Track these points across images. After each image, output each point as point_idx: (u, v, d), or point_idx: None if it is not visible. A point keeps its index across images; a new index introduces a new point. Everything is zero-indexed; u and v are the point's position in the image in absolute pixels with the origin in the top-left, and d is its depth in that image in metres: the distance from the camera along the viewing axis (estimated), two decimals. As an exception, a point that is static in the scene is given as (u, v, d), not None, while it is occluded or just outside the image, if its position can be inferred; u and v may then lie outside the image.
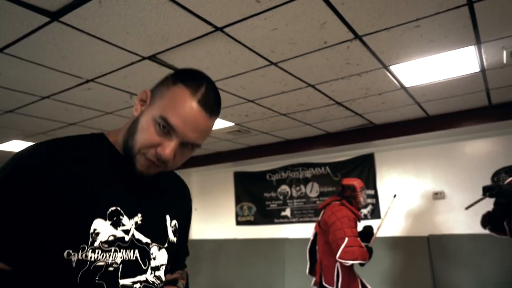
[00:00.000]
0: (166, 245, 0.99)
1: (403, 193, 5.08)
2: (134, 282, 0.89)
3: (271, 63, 2.74)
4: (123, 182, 0.92)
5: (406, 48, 2.60)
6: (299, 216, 5.95)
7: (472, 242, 4.50)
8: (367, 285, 3.36)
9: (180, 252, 1.11)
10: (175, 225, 1.04)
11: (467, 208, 2.85)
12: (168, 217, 1.02)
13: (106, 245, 0.85)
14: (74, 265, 0.81)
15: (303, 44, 2.45)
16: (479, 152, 4.68)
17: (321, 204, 3.65)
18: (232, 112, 3.95)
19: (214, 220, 6.74)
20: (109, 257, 0.85)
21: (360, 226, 3.65)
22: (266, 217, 6.25)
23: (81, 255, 0.82)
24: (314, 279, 3.56)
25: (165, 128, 0.86)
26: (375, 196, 5.27)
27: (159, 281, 0.96)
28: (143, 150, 0.88)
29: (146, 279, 0.92)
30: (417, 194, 5.01)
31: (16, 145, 4.85)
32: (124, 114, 3.78)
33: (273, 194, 6.24)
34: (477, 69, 3.04)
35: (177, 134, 0.86)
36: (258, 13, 2.04)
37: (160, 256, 0.96)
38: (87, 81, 2.90)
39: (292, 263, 5.62)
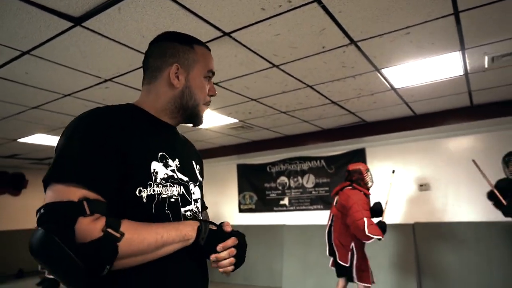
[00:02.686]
0: (197, 183, 1.12)
1: (398, 180, 5.10)
2: (186, 211, 1.01)
3: (274, 65, 2.74)
4: (161, 135, 1.04)
5: (397, 53, 2.60)
6: (296, 205, 5.98)
7: (453, 229, 4.54)
8: (371, 270, 3.43)
9: (203, 197, 1.26)
10: (199, 169, 1.18)
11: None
12: (194, 162, 1.15)
13: (164, 181, 0.96)
14: (145, 200, 0.91)
15: (303, 48, 2.46)
16: (461, 148, 4.69)
17: (334, 191, 3.68)
18: (237, 110, 3.95)
19: (219, 208, 6.77)
20: (168, 191, 0.96)
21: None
22: (266, 205, 6.28)
23: (150, 190, 0.92)
24: (331, 260, 3.55)
25: (210, 77, 1.11)
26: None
27: (198, 211, 1.08)
28: (204, 101, 1.10)
29: (192, 209, 1.04)
30: (404, 186, 5.03)
31: (40, 138, 4.86)
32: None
33: (272, 185, 6.26)
34: (461, 72, 3.04)
35: (213, 75, 1.12)
36: (263, 19, 2.05)
37: (196, 192, 1.09)
38: (105, 81, 2.91)
39: (289, 247, 5.66)
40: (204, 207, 1.27)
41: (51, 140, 4.99)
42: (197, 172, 1.14)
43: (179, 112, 1.08)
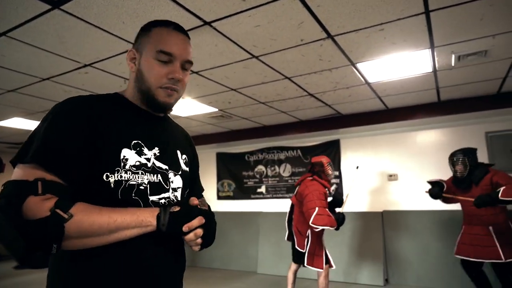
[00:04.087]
0: (180, 172, 1.10)
1: (362, 175, 5.23)
2: (159, 198, 1.00)
3: (253, 56, 2.73)
4: (140, 124, 1.03)
5: (371, 48, 2.64)
6: (273, 193, 6.03)
7: (419, 217, 4.70)
8: (329, 256, 3.53)
9: (197, 186, 1.29)
10: (185, 158, 1.16)
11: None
12: (179, 152, 1.13)
13: (134, 168, 0.95)
14: (112, 185, 0.91)
15: (282, 40, 2.46)
16: (429, 141, 4.84)
17: (297, 181, 3.75)
18: (217, 99, 3.92)
19: (198, 195, 6.74)
20: (138, 178, 0.96)
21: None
22: (244, 193, 6.31)
23: (117, 176, 0.92)
24: (291, 244, 3.65)
25: (165, 58, 0.99)
26: (339, 176, 5.39)
27: (176, 200, 1.07)
28: (158, 84, 1.00)
29: (169, 196, 1.03)
30: (375, 176, 5.16)
31: (17, 122, 4.68)
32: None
33: (250, 173, 6.28)
34: (430, 69, 3.12)
35: (175, 57, 1.00)
36: (243, 10, 2.03)
37: (176, 181, 1.07)
38: (85, 66, 2.82)
39: (265, 233, 5.72)
40: (199, 194, 1.28)
41: (29, 124, 4.82)
42: (181, 161, 1.12)
43: (140, 98, 1.05)
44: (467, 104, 4.13)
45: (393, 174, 5.02)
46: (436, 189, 3.52)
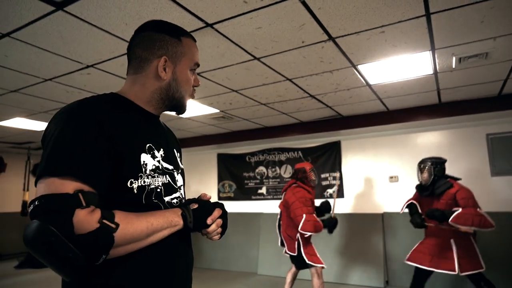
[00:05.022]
0: (179, 170, 1.14)
1: (363, 176, 5.23)
2: (172, 198, 1.04)
3: (255, 58, 2.74)
4: (148, 126, 1.05)
5: (372, 51, 2.65)
6: (273, 194, 6.04)
7: (419, 219, 4.70)
8: (318, 255, 3.62)
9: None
10: (179, 156, 1.20)
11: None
12: (175, 150, 1.16)
13: (152, 172, 0.98)
14: (135, 191, 0.92)
15: (283, 42, 2.47)
16: (429, 143, 4.84)
17: (283, 188, 3.88)
18: (218, 100, 3.94)
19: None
20: (155, 181, 0.98)
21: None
22: (245, 194, 6.31)
23: (140, 181, 0.94)
24: (285, 248, 3.74)
25: (195, 69, 1.11)
26: (340, 178, 5.39)
27: (183, 197, 1.11)
28: (190, 92, 1.11)
29: (179, 196, 1.07)
30: (375, 177, 5.16)
31: (20, 122, 4.70)
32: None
33: (251, 174, 6.29)
34: (430, 71, 3.13)
35: (198, 67, 1.13)
36: (245, 12, 2.04)
37: (179, 179, 1.11)
38: (87, 67, 2.83)
39: (266, 234, 5.73)
40: None
41: (31, 124, 4.83)
42: (178, 159, 1.16)
43: (164, 103, 1.08)
44: (468, 106, 4.14)
45: (393, 176, 5.03)
46: (418, 220, 3.40)
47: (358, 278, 4.82)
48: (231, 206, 6.41)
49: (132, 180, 0.91)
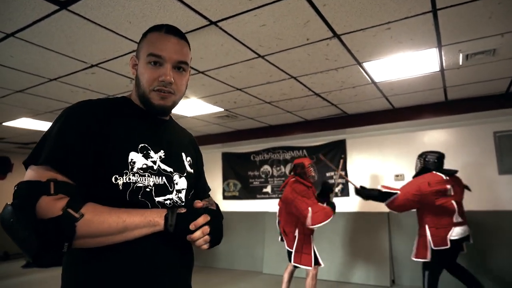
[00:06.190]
0: (185, 174, 1.13)
1: (369, 175, 5.19)
2: (165, 200, 1.03)
3: (259, 56, 2.73)
4: (148, 128, 1.07)
5: (378, 48, 2.62)
6: (278, 193, 6.02)
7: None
8: (318, 255, 3.59)
9: (202, 186, 1.33)
10: (189, 160, 1.19)
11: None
12: (183, 154, 1.16)
13: (141, 171, 0.99)
14: (121, 187, 0.94)
15: (288, 39, 2.45)
16: (436, 141, 4.80)
17: (282, 185, 3.85)
18: (222, 99, 3.93)
19: (204, 194, 6.75)
20: (145, 180, 0.99)
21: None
22: (250, 193, 6.31)
23: (125, 178, 0.95)
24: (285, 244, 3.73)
25: (156, 61, 1.02)
26: (346, 176, 5.35)
27: (180, 201, 1.09)
28: (150, 87, 1.03)
29: (172, 198, 1.06)
30: (381, 176, 5.13)
31: (25, 123, 4.72)
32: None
33: (256, 173, 6.28)
34: (437, 68, 3.10)
35: (165, 59, 1.02)
36: (249, 10, 2.03)
37: (181, 182, 1.10)
38: (92, 66, 2.83)
39: (271, 233, 5.71)
40: (205, 193, 1.33)
41: (36, 125, 4.86)
42: (186, 163, 1.15)
43: (141, 102, 1.09)
44: (475, 103, 4.09)
45: (399, 174, 4.99)
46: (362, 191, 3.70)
47: (364, 277, 4.80)
48: (236, 205, 6.40)
49: (117, 176, 0.94)
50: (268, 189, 6.12)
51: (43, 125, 4.89)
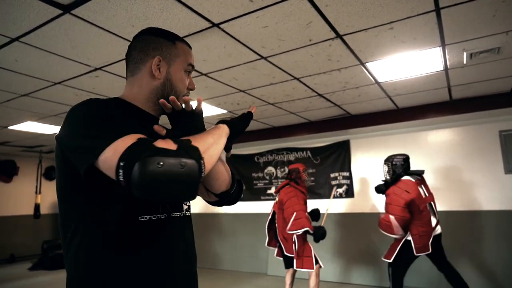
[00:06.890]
0: None
1: (373, 175, 5.17)
2: None
3: (262, 57, 2.73)
4: (147, 128, 1.03)
5: (381, 48, 2.61)
6: (282, 194, 6.01)
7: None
8: (317, 256, 3.60)
9: None
10: None
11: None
12: None
13: None
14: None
15: (290, 41, 2.45)
16: (440, 140, 4.77)
17: (276, 189, 3.91)
18: (225, 101, 3.93)
19: (208, 196, 6.75)
20: None
21: (322, 208, 3.88)
22: (254, 194, 6.30)
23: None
24: (276, 250, 3.82)
25: (190, 71, 1.13)
26: (350, 177, 5.34)
27: (186, 205, 1.13)
28: (183, 93, 1.11)
29: None
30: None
31: (30, 126, 4.76)
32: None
33: (260, 174, 6.27)
34: (441, 68, 3.08)
35: (192, 69, 1.14)
36: (251, 11, 2.03)
37: None
38: (95, 69, 2.85)
39: (275, 234, 5.70)
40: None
41: (41, 128, 4.89)
42: None
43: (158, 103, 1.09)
44: (480, 102, 4.06)
45: (404, 174, 4.95)
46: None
47: (366, 277, 4.77)
48: (240, 207, 6.40)
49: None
50: (272, 190, 6.10)
51: (48, 129, 4.92)
